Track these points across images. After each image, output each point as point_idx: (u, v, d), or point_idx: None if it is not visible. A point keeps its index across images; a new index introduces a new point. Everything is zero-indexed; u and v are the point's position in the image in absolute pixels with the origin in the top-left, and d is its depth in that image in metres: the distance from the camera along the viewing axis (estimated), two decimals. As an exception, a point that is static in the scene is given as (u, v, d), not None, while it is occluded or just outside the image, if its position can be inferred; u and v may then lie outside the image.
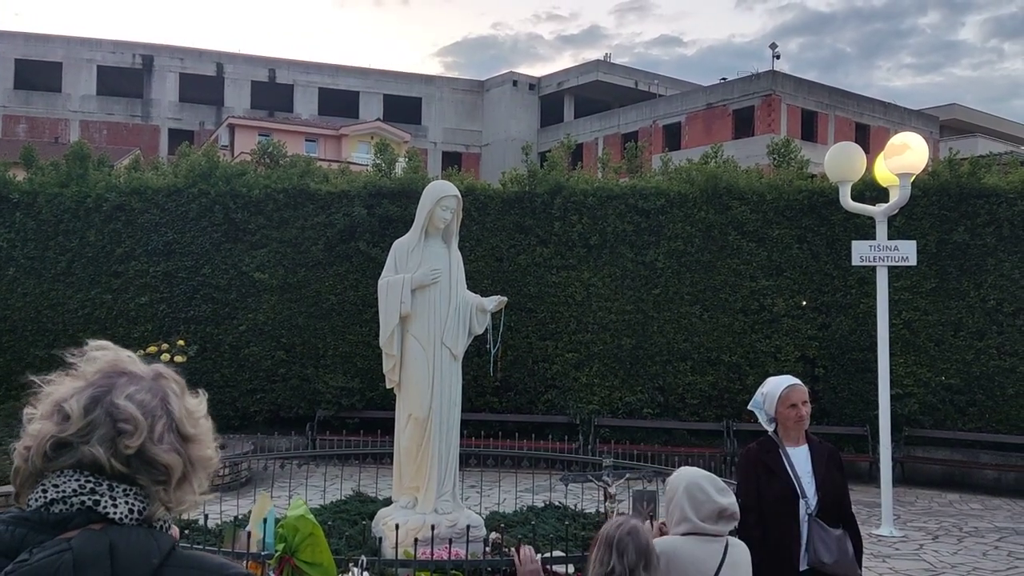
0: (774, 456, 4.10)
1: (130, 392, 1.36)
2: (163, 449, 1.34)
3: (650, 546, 2.86)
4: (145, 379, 1.41)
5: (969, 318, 13.06)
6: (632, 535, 2.82)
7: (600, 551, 2.83)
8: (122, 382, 1.37)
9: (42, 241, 14.22)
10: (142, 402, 1.35)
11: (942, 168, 13.61)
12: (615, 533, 2.83)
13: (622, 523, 2.89)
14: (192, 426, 1.41)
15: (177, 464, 1.35)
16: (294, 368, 13.90)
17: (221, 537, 5.80)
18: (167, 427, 1.36)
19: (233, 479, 11.00)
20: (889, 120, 40.45)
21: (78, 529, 1.28)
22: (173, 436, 1.37)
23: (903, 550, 8.61)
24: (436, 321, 6.14)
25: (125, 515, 1.31)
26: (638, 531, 2.85)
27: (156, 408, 1.36)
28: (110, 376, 1.38)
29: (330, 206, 14.02)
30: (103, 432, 1.31)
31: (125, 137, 43.65)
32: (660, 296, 13.61)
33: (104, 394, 1.34)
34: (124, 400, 1.34)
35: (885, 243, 9.92)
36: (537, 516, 7.58)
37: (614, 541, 2.80)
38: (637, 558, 2.80)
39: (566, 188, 13.94)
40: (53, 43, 44.77)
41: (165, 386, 1.42)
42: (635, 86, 48.22)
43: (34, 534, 1.27)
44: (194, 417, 1.43)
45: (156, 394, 1.39)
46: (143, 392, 1.37)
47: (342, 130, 40.23)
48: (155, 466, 1.33)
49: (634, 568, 2.78)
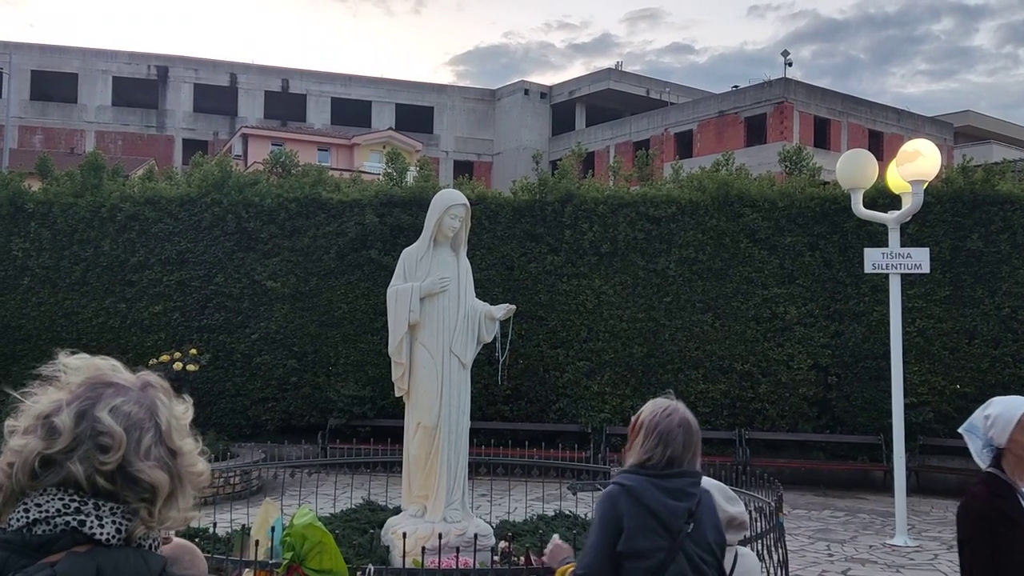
0: (1013, 503, 3.00)
1: (116, 404, 1.29)
2: (149, 465, 1.27)
3: (699, 438, 2.79)
4: (132, 390, 1.34)
5: (984, 326, 12.95)
6: (683, 427, 2.76)
7: (646, 438, 2.75)
8: (108, 393, 1.31)
9: (57, 251, 14.34)
10: (128, 414, 1.29)
11: (956, 175, 13.52)
12: (665, 424, 2.75)
13: (671, 412, 2.79)
14: (182, 437, 1.35)
15: (164, 482, 1.28)
16: (306, 376, 13.94)
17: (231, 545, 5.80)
18: (155, 440, 1.30)
19: (244, 487, 11.03)
20: (903, 127, 40.27)
21: (63, 552, 1.21)
22: (162, 450, 1.30)
23: (917, 560, 8.53)
24: (445, 329, 6.14)
25: (112, 535, 1.24)
26: (689, 424, 2.78)
27: (143, 420, 1.30)
28: (95, 387, 1.31)
29: (342, 215, 14.07)
30: (86, 447, 1.24)
31: (140, 147, 44.04)
32: (672, 304, 13.57)
33: (90, 407, 1.28)
34: (107, 413, 1.27)
35: (898, 250, 9.85)
36: (547, 525, 7.55)
37: (665, 433, 2.73)
38: (684, 450, 2.74)
39: (577, 196, 13.94)
40: (69, 54, 45.27)
41: (153, 396, 1.35)
42: (647, 94, 48.25)
43: (16, 558, 1.19)
44: (183, 428, 1.36)
45: (143, 405, 1.32)
46: (130, 403, 1.31)
47: (354, 139, 40.44)
48: (140, 484, 1.26)
49: (678, 458, 2.72)
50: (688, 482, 2.75)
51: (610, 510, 2.70)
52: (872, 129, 39.95)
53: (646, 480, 2.71)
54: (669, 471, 2.73)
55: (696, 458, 2.80)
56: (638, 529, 2.65)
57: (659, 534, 2.65)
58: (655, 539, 2.64)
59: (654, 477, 2.72)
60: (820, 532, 9.70)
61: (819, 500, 11.83)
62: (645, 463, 2.74)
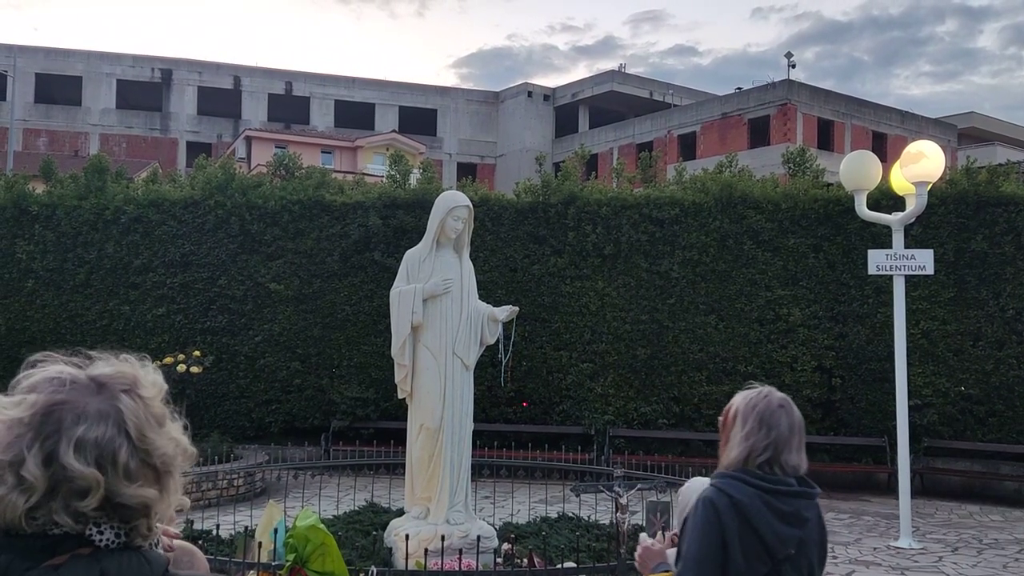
0: None
1: (79, 436, 1.21)
2: (135, 487, 1.23)
3: (802, 423, 2.54)
4: (90, 401, 1.25)
5: (988, 327, 12.91)
6: (785, 407, 2.51)
7: (744, 424, 2.48)
8: (68, 422, 1.21)
9: (61, 253, 14.37)
10: (95, 441, 1.21)
11: (959, 176, 13.50)
12: (764, 404, 2.49)
13: (767, 394, 2.53)
14: (154, 430, 1.28)
15: (153, 496, 1.25)
16: (309, 379, 13.94)
17: (234, 547, 5.81)
18: (130, 452, 1.24)
19: (248, 489, 11.04)
20: (906, 129, 40.20)
21: (65, 555, 1.20)
22: (139, 457, 1.25)
23: (922, 562, 8.50)
24: (448, 331, 6.14)
25: (112, 540, 1.24)
26: (790, 404, 2.53)
27: (112, 438, 1.23)
28: (50, 415, 1.22)
29: (345, 217, 14.08)
30: (63, 492, 1.20)
31: (144, 150, 44.12)
32: (675, 306, 13.55)
33: (53, 447, 1.20)
34: (73, 456, 1.19)
35: (902, 252, 9.83)
36: (550, 527, 7.54)
37: (766, 415, 2.46)
38: (791, 435, 2.48)
39: (580, 198, 13.94)
40: (73, 57, 45.38)
41: (112, 398, 1.26)
42: (650, 96, 48.25)
43: (19, 561, 1.19)
44: (154, 414, 1.29)
45: (107, 418, 1.24)
46: (92, 426, 1.22)
47: (357, 142, 40.46)
48: (130, 507, 1.24)
49: (785, 443, 2.46)
50: (804, 504, 2.50)
51: (714, 522, 2.40)
52: (876, 131, 39.88)
53: (757, 496, 2.41)
54: (784, 485, 2.44)
55: (803, 447, 2.53)
56: (741, 553, 2.39)
57: (762, 560, 2.41)
58: (756, 565, 2.41)
59: (767, 490, 2.42)
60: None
61: (823, 502, 11.73)
62: (749, 457, 2.45)
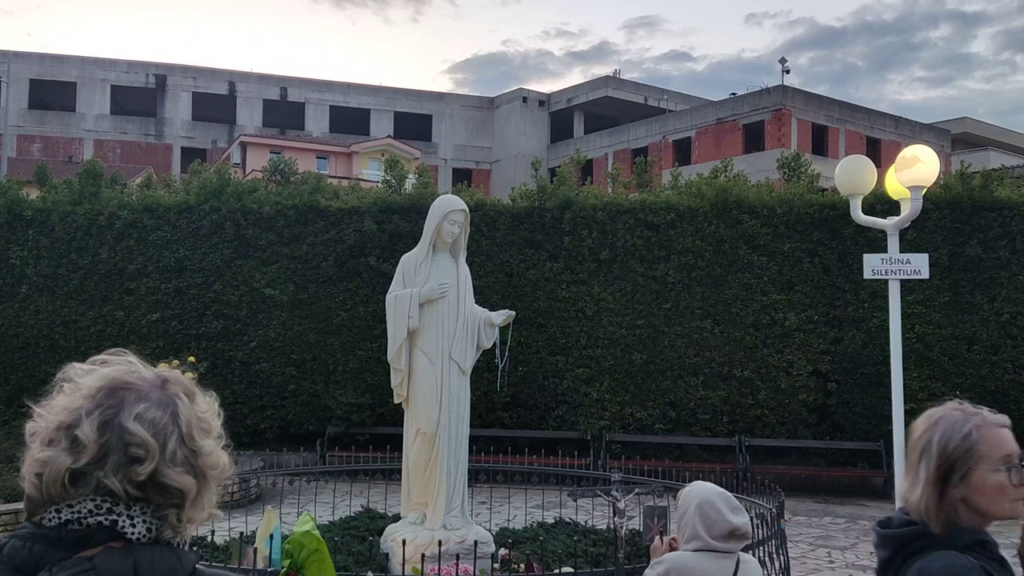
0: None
1: (139, 411, 1.27)
2: (177, 472, 1.27)
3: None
4: (152, 391, 1.32)
5: (983, 332, 12.94)
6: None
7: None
8: (130, 399, 1.29)
9: (55, 259, 14.32)
10: (153, 421, 1.27)
11: (954, 181, 13.54)
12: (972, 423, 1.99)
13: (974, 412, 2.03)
14: (202, 435, 1.33)
15: (191, 486, 1.29)
16: (304, 384, 13.90)
17: (229, 553, 5.78)
18: (179, 443, 1.29)
19: (243, 496, 10.98)
20: (900, 134, 40.34)
21: (98, 547, 1.23)
22: (185, 451, 1.29)
23: (919, 567, 8.50)
24: (444, 335, 6.12)
25: (143, 534, 1.26)
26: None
27: (167, 424, 1.29)
28: (115, 392, 1.29)
29: (340, 222, 14.06)
30: (116, 459, 1.24)
31: (138, 156, 44.06)
32: (671, 310, 13.55)
33: (113, 416, 1.26)
34: (134, 422, 1.26)
35: (897, 256, 9.81)
36: (547, 532, 7.52)
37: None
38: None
39: (576, 203, 13.94)
40: (67, 63, 45.31)
41: (173, 395, 1.33)
42: (645, 101, 48.34)
43: (53, 551, 1.22)
44: (205, 424, 1.35)
45: (166, 407, 1.30)
46: (152, 408, 1.29)
47: (353, 147, 40.46)
48: (168, 490, 1.27)
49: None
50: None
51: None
52: (870, 136, 40.01)
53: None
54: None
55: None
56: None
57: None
58: None
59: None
60: (821, 539, 9.67)
61: (819, 507, 11.80)
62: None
